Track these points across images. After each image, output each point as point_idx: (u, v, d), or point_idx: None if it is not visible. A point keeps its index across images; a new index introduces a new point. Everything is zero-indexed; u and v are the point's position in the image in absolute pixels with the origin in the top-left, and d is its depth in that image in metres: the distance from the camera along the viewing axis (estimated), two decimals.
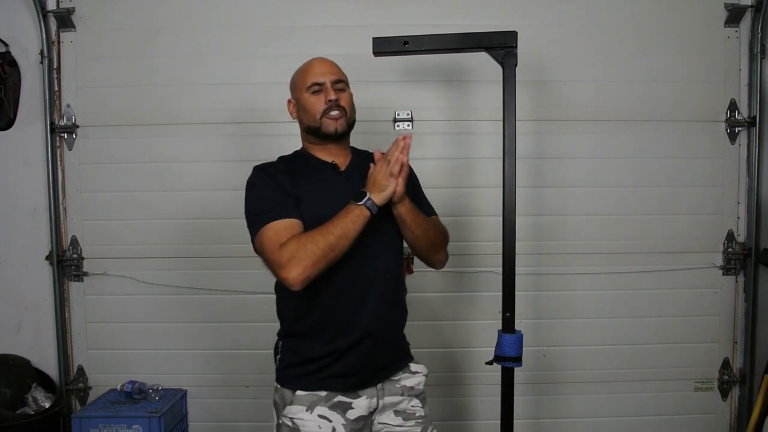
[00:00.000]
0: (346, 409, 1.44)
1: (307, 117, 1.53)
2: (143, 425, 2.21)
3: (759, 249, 2.42)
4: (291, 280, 1.32)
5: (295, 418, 1.44)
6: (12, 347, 2.45)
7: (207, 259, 2.47)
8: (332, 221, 1.35)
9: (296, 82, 1.58)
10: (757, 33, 2.39)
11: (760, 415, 2.11)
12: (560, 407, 2.52)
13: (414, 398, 1.54)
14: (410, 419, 1.52)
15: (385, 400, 1.49)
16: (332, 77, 1.53)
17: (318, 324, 1.46)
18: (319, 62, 1.58)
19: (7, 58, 2.38)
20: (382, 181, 1.38)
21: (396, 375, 1.53)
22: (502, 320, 1.66)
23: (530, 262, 2.42)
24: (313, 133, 1.54)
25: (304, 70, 1.57)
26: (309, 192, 1.47)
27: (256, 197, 1.49)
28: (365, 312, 1.44)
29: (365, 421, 1.48)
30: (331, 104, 1.49)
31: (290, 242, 1.34)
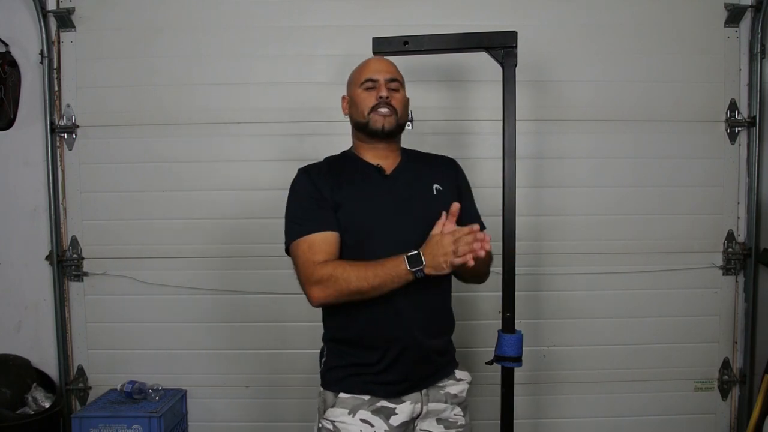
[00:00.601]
0: (390, 415, 1.43)
1: (356, 112, 1.52)
2: (143, 425, 2.21)
3: (759, 249, 2.42)
4: (311, 299, 1.38)
5: (336, 421, 1.42)
6: (12, 347, 2.45)
7: (207, 259, 2.47)
8: (376, 268, 1.31)
9: (351, 78, 1.57)
10: (757, 33, 2.39)
11: (760, 415, 2.11)
12: (560, 407, 2.52)
13: (457, 406, 1.52)
14: (452, 428, 1.51)
15: (429, 407, 1.47)
16: (387, 75, 1.51)
17: (362, 333, 1.44)
18: (377, 60, 1.56)
19: (7, 58, 2.38)
20: (440, 258, 1.28)
21: (441, 381, 1.51)
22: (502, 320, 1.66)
23: (530, 262, 2.42)
24: (361, 130, 1.52)
25: (360, 67, 1.56)
26: (351, 196, 1.45)
27: (296, 204, 1.48)
28: (408, 321, 1.41)
29: (407, 426, 1.46)
30: (380, 101, 1.47)
31: (327, 266, 1.35)
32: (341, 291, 1.34)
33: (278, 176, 2.43)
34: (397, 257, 1.31)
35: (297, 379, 2.47)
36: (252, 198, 2.45)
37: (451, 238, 1.28)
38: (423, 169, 1.56)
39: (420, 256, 1.29)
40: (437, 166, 1.60)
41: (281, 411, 2.51)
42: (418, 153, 1.64)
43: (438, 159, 1.65)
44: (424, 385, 1.47)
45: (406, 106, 1.56)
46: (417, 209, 1.45)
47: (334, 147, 1.65)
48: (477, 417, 2.52)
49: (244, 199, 2.45)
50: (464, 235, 1.26)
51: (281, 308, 2.47)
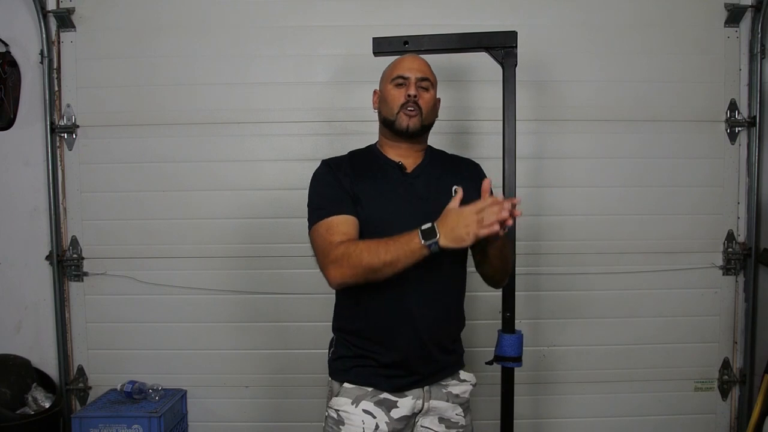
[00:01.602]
0: (391, 408, 1.44)
1: (385, 108, 1.52)
2: (143, 425, 2.21)
3: (759, 249, 2.42)
4: (329, 279, 1.36)
5: (340, 410, 1.45)
6: (12, 347, 2.45)
7: (207, 259, 2.47)
8: (388, 243, 1.28)
9: (384, 73, 1.57)
10: (757, 33, 2.39)
11: (760, 415, 2.12)
12: (560, 407, 2.52)
13: (458, 406, 1.52)
14: (453, 428, 1.51)
15: (430, 404, 1.48)
16: (418, 74, 1.51)
17: (370, 324, 1.45)
18: (411, 58, 1.56)
19: (7, 58, 2.37)
20: (461, 229, 1.21)
21: (445, 380, 1.52)
22: (502, 320, 1.66)
23: (530, 262, 2.42)
24: (387, 127, 1.52)
25: (394, 63, 1.56)
26: (370, 191, 1.46)
27: (316, 192, 1.49)
28: (417, 318, 1.42)
29: (408, 421, 1.47)
30: (409, 99, 1.47)
31: (342, 246, 1.34)
32: (355, 268, 1.31)
33: (278, 176, 2.45)
34: (411, 232, 1.27)
35: (297, 379, 2.48)
36: (252, 198, 2.45)
37: (474, 208, 1.22)
38: (445, 169, 1.56)
39: (434, 228, 1.24)
40: (461, 168, 1.60)
41: (281, 411, 2.51)
42: (443, 154, 1.64)
43: (462, 162, 1.65)
44: (426, 382, 1.48)
45: (435, 107, 1.56)
46: (434, 208, 1.42)
47: (335, 147, 1.65)
48: (477, 417, 2.51)
49: (244, 199, 2.45)
50: (488, 206, 1.21)
51: (282, 308, 2.47)
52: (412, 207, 1.44)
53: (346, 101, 2.43)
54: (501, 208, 1.19)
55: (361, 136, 2.28)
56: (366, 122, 2.41)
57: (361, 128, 2.35)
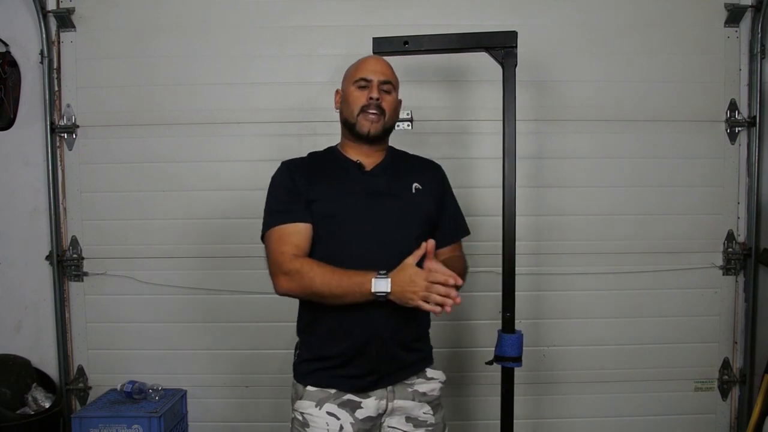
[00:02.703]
0: (355, 408, 1.44)
1: (347, 110, 1.53)
2: (143, 425, 2.21)
3: (759, 249, 2.42)
4: (277, 288, 1.43)
5: (305, 413, 1.45)
6: (12, 347, 2.45)
7: (207, 259, 2.47)
8: (342, 279, 1.33)
9: (347, 74, 1.57)
10: (757, 33, 2.39)
11: (760, 415, 2.11)
12: (560, 407, 2.52)
13: (426, 405, 1.51)
14: (420, 426, 1.51)
15: (395, 404, 1.48)
16: (381, 77, 1.52)
17: (330, 325, 1.46)
18: (374, 60, 1.57)
19: (7, 58, 2.37)
20: (408, 293, 1.27)
21: (409, 379, 1.51)
22: (502, 320, 1.66)
23: (530, 262, 2.42)
24: (348, 128, 1.53)
25: (357, 65, 1.57)
26: (327, 190, 1.47)
27: (272, 195, 1.52)
28: (376, 316, 1.41)
29: (374, 422, 1.47)
30: (371, 102, 1.48)
31: (298, 261, 1.39)
32: (304, 288, 1.38)
33: None
34: (365, 274, 1.31)
35: None
36: (252, 198, 2.42)
37: (425, 281, 1.26)
38: (405, 168, 1.57)
39: (388, 282, 1.29)
40: (421, 168, 1.62)
41: (281, 411, 2.50)
42: (405, 154, 1.65)
43: (423, 162, 1.67)
44: (389, 381, 1.48)
45: (397, 109, 1.57)
46: (393, 205, 1.46)
47: None
48: (477, 417, 2.53)
49: (244, 199, 2.44)
50: (439, 284, 1.25)
51: (282, 308, 2.45)
52: (371, 203, 1.45)
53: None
54: (447, 292, 1.24)
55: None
56: None
57: None
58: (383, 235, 1.41)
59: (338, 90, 1.60)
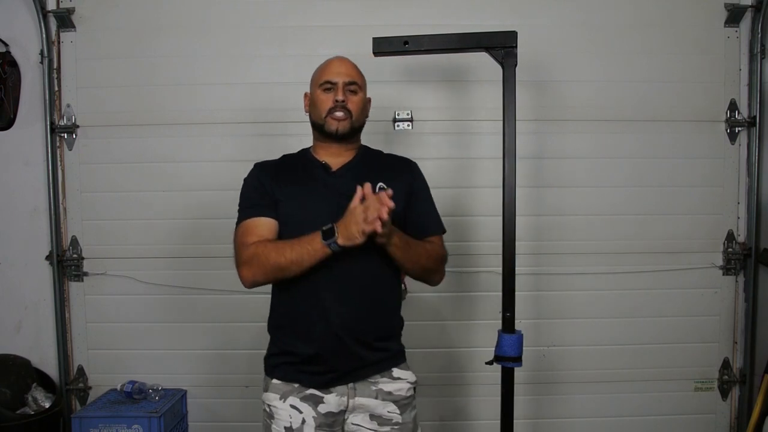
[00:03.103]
0: (318, 403, 1.47)
1: (315, 113, 1.57)
2: (143, 425, 2.21)
3: (759, 249, 2.42)
4: (242, 279, 1.47)
5: (271, 405, 1.50)
6: (12, 347, 2.45)
7: (207, 259, 2.47)
8: (293, 243, 1.38)
9: (313, 77, 1.61)
10: (757, 33, 2.39)
11: (760, 415, 2.11)
12: (560, 407, 2.52)
13: (391, 403, 1.51)
14: (386, 425, 1.50)
15: (356, 401, 1.49)
16: (346, 78, 1.55)
17: (293, 320, 1.50)
18: (338, 62, 1.60)
19: (7, 58, 2.38)
20: (353, 228, 1.31)
21: (373, 377, 1.51)
22: (502, 320, 1.66)
23: (530, 262, 2.42)
24: (317, 130, 1.58)
25: (322, 67, 1.60)
26: (291, 192, 1.51)
27: (242, 194, 1.58)
28: (334, 315, 1.44)
29: (335, 417, 1.49)
30: (337, 104, 1.52)
31: (252, 247, 1.43)
32: (264, 267, 1.40)
33: None
34: (314, 232, 1.35)
35: None
36: None
37: (361, 206, 1.31)
38: (373, 168, 1.58)
39: (334, 229, 1.33)
40: (391, 166, 1.62)
41: None
42: (378, 153, 1.67)
43: (394, 160, 1.68)
44: (349, 378, 1.49)
45: (365, 108, 1.60)
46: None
47: None
48: (477, 417, 2.52)
49: None
50: (372, 201, 1.30)
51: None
52: (333, 205, 1.45)
53: None
54: (380, 203, 1.28)
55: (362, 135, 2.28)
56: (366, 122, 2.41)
57: None
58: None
59: (306, 93, 1.63)
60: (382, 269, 1.50)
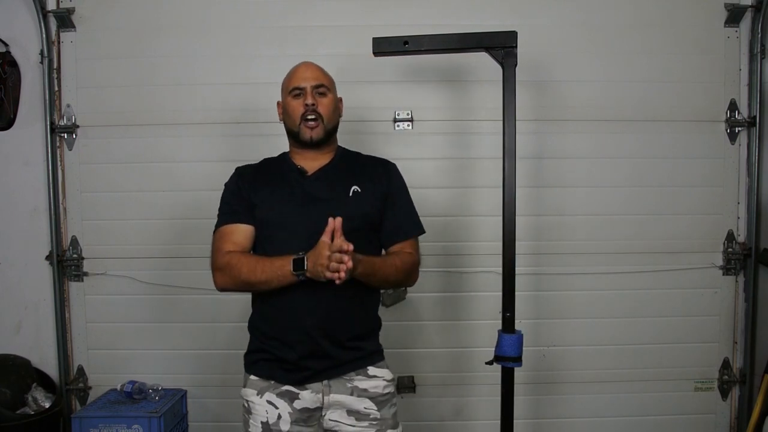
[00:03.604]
0: (293, 399, 1.51)
1: (288, 120, 1.60)
2: (143, 425, 2.21)
3: (759, 249, 2.42)
4: (215, 284, 1.54)
5: (249, 401, 1.55)
6: (12, 347, 2.45)
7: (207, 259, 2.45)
8: (265, 264, 1.42)
9: (283, 85, 1.64)
10: (757, 33, 2.39)
11: (760, 415, 2.12)
12: (560, 407, 2.52)
13: (367, 400, 1.53)
14: (363, 420, 1.52)
15: (331, 398, 1.51)
16: (313, 82, 1.57)
17: (269, 319, 1.53)
18: (303, 67, 1.61)
19: (7, 58, 2.37)
20: (318, 267, 1.32)
21: (347, 375, 1.52)
22: (502, 320, 1.66)
23: (530, 262, 2.42)
24: (292, 137, 1.60)
25: (289, 75, 1.62)
26: (267, 196, 1.54)
27: (221, 199, 1.62)
28: (306, 316, 1.47)
29: (311, 413, 1.52)
30: (307, 108, 1.54)
31: (227, 256, 1.49)
32: (234, 279, 1.47)
33: None
34: (286, 257, 1.39)
35: None
36: None
37: (328, 251, 1.31)
38: (348, 171, 1.60)
39: (304, 261, 1.36)
40: (367, 169, 1.62)
41: None
42: (356, 155, 1.68)
43: (371, 161, 1.68)
44: (324, 376, 1.51)
45: (336, 109, 1.62)
46: (331, 208, 1.47)
47: None
48: (477, 417, 2.52)
49: None
50: (337, 252, 1.30)
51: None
52: (307, 209, 1.50)
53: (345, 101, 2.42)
54: (340, 258, 1.30)
55: (356, 135, 2.29)
56: (366, 122, 2.42)
57: (358, 128, 2.35)
58: (315, 239, 1.39)
59: (279, 102, 1.65)
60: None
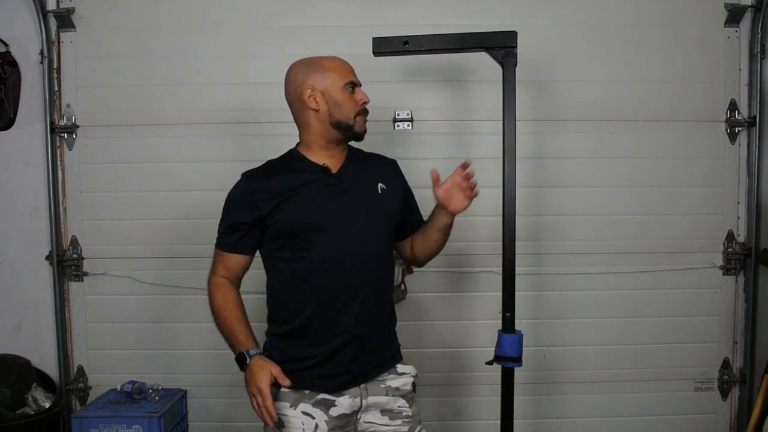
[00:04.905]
0: (330, 407, 1.47)
1: (340, 112, 1.51)
2: (143, 425, 2.21)
3: (759, 249, 2.42)
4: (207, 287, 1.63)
5: (280, 414, 1.47)
6: (12, 347, 2.45)
7: (207, 259, 2.44)
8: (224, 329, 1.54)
9: (320, 74, 1.55)
10: (757, 33, 2.39)
11: (760, 415, 2.11)
12: (560, 407, 2.52)
13: (400, 398, 1.54)
14: (397, 418, 1.53)
15: (368, 400, 1.50)
16: (358, 80, 1.58)
17: (303, 327, 1.48)
18: (344, 62, 1.61)
19: (7, 58, 2.37)
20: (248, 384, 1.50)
21: (381, 376, 1.53)
22: (502, 320, 1.66)
23: (530, 262, 2.42)
24: (339, 129, 1.52)
25: (337, 68, 1.57)
26: (295, 199, 1.48)
27: (224, 209, 1.58)
28: (350, 317, 1.45)
29: (348, 419, 1.49)
30: (364, 106, 1.55)
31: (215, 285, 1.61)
32: (211, 308, 1.60)
33: None
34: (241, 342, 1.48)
35: None
36: None
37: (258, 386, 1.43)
38: (367, 168, 1.60)
39: (246, 362, 1.48)
40: (381, 166, 1.64)
41: None
42: (361, 152, 1.66)
43: (380, 159, 1.68)
44: (363, 379, 1.50)
45: None
46: (363, 207, 1.50)
47: None
48: (477, 417, 2.52)
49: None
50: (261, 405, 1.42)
51: None
52: (342, 206, 1.49)
53: None
54: (259, 412, 1.42)
55: None
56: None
57: None
58: (356, 235, 1.44)
59: (314, 88, 1.54)
60: (386, 268, 1.55)
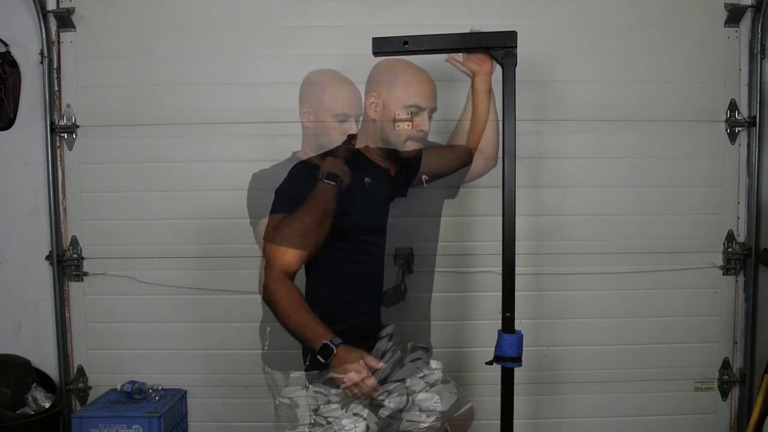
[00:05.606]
0: (378, 407, 1.56)
1: (391, 131, 1.59)
2: (143, 425, 2.21)
3: (759, 249, 2.42)
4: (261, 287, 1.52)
5: (328, 417, 1.53)
6: (12, 347, 2.45)
7: (207, 259, 2.47)
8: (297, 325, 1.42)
9: (395, 88, 1.61)
10: (757, 33, 2.39)
11: (760, 415, 2.11)
12: (560, 407, 2.52)
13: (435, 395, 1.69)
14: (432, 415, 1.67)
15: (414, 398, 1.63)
16: (431, 104, 1.62)
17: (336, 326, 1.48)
18: (429, 83, 1.65)
19: (7, 58, 2.37)
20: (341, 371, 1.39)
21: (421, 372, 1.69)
22: (502, 320, 1.66)
23: (530, 262, 2.42)
24: (383, 141, 1.61)
25: (411, 83, 1.60)
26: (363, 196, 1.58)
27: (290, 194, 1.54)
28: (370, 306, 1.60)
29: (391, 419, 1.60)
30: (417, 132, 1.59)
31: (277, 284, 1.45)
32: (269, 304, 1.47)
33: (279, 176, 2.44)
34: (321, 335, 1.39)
35: None
36: None
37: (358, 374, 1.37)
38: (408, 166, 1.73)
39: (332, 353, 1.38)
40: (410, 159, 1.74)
41: None
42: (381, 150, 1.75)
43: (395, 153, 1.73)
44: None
45: None
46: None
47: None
48: (477, 417, 2.51)
49: (243, 200, 2.43)
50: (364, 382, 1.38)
51: None
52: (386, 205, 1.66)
53: None
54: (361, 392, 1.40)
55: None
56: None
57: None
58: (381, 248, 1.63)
59: (376, 95, 1.61)
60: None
